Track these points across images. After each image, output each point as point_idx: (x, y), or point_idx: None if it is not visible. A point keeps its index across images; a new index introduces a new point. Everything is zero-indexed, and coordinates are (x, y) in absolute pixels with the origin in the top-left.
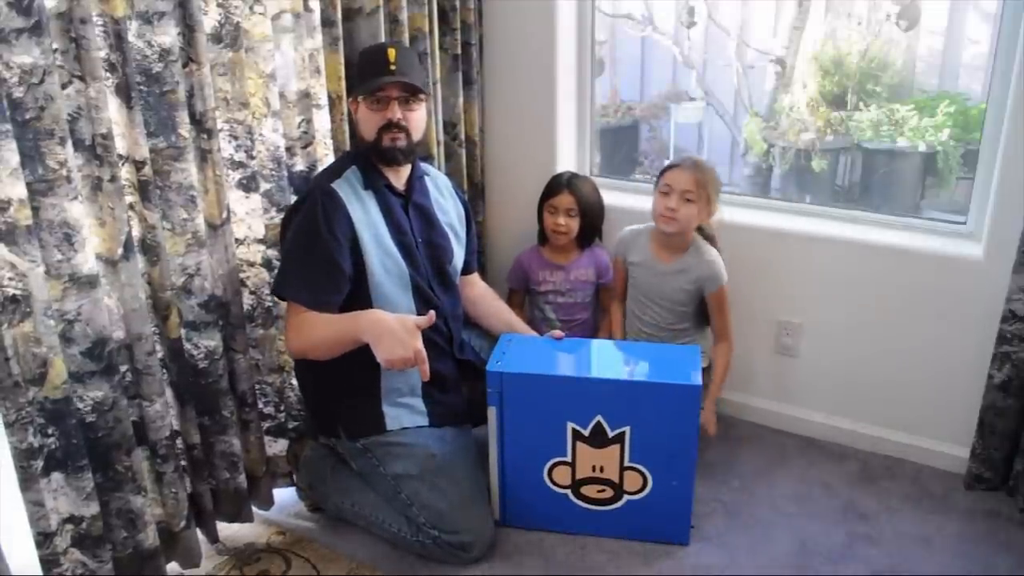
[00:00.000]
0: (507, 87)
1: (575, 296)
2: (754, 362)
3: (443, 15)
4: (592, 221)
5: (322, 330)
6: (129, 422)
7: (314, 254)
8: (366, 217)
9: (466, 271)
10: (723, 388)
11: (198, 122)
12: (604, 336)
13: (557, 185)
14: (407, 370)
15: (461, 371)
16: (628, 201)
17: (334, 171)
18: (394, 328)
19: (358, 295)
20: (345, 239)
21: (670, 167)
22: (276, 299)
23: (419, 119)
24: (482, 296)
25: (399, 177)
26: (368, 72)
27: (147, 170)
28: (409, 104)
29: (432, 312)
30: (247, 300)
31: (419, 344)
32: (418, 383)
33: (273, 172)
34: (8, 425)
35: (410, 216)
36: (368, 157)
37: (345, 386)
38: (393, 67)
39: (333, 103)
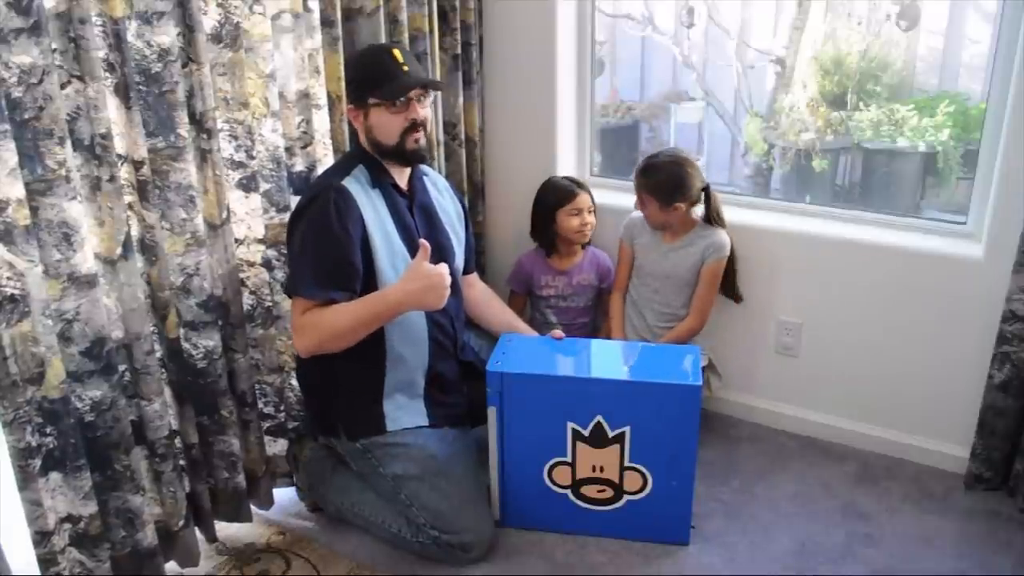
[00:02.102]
0: (507, 87)
1: (577, 301)
2: (754, 362)
3: (443, 15)
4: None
5: (346, 317)
6: (128, 421)
7: (328, 252)
8: (376, 216)
9: (465, 271)
10: (723, 387)
11: (198, 122)
12: (605, 327)
13: (568, 190)
14: (409, 371)
15: (462, 372)
16: (628, 201)
17: (341, 169)
18: (423, 285)
19: (365, 294)
20: (357, 237)
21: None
22: (274, 300)
23: (429, 114)
24: (482, 297)
25: (403, 177)
26: (381, 76)
27: (146, 170)
28: (422, 101)
29: (425, 241)
30: (247, 300)
31: (437, 270)
32: (420, 383)
33: (273, 172)
34: (6, 424)
35: (415, 216)
36: (372, 157)
37: (346, 386)
38: (405, 67)
39: (333, 103)
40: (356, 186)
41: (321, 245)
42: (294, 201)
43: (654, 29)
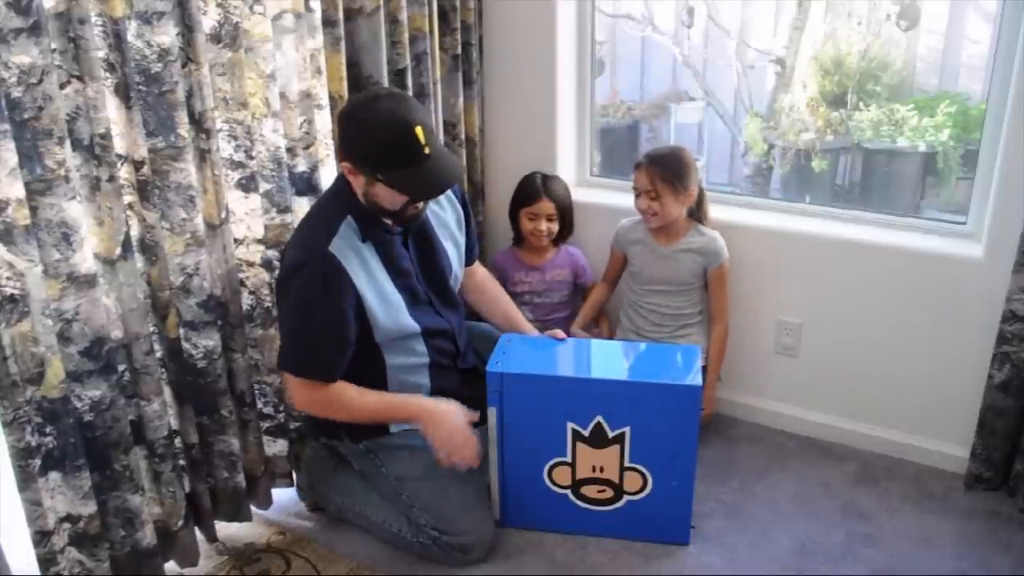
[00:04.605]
0: (507, 87)
1: (552, 296)
2: (754, 362)
3: (443, 15)
4: (568, 221)
5: (365, 408)
6: (127, 421)
7: (320, 329)
8: (368, 276)
9: (467, 262)
10: (723, 387)
11: (197, 122)
12: (583, 314)
13: (534, 191)
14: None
15: (462, 378)
16: (628, 201)
17: (328, 227)
18: (456, 428)
19: (367, 349)
20: (350, 307)
21: (635, 167)
22: (274, 301)
23: None
24: (481, 284)
25: None
26: (400, 160)
27: (146, 170)
28: None
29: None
30: (246, 300)
31: (475, 446)
32: (424, 388)
33: (274, 172)
34: (6, 424)
35: (409, 249)
36: (362, 205)
37: None
38: (427, 150)
39: (335, 104)
40: (343, 247)
41: (314, 324)
42: (295, 201)
43: (654, 29)
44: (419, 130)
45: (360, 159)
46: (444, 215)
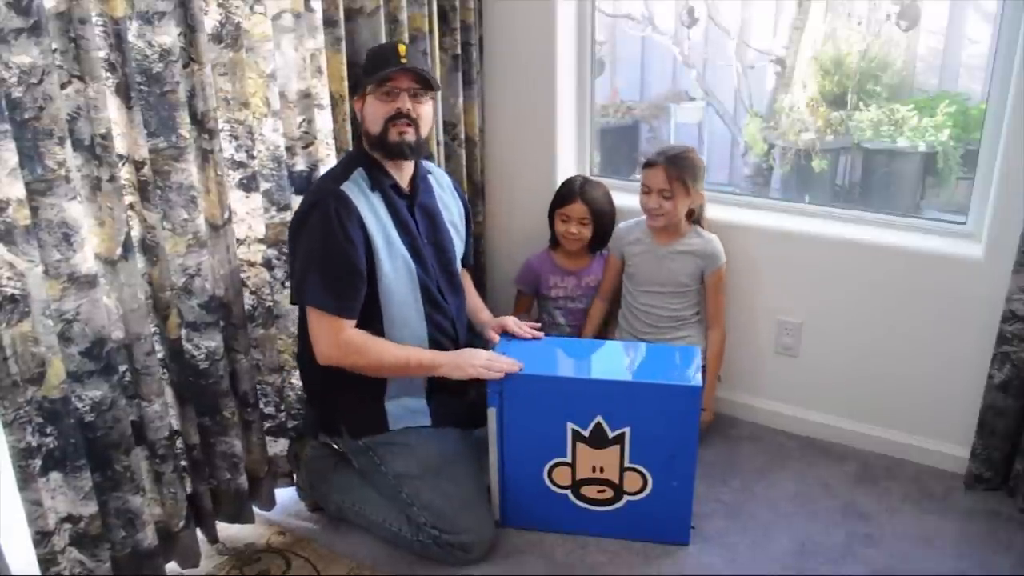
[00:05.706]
0: (507, 87)
1: (585, 302)
2: (754, 362)
3: (443, 15)
4: (604, 228)
5: (392, 356)
6: (128, 422)
7: (335, 260)
8: (376, 219)
9: (463, 263)
10: (723, 387)
11: (199, 122)
12: (586, 333)
13: (570, 193)
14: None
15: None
16: (628, 201)
17: (340, 173)
18: (480, 353)
19: (367, 298)
20: (360, 242)
21: (646, 164)
22: (275, 300)
23: (427, 114)
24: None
25: (404, 177)
26: (379, 65)
27: (146, 170)
28: (418, 98)
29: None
30: (248, 300)
31: (482, 353)
32: (422, 385)
33: (273, 172)
34: (6, 424)
35: (416, 218)
36: (373, 158)
37: (350, 385)
38: (404, 59)
39: (335, 103)
40: (355, 190)
41: (328, 255)
42: (295, 201)
43: (654, 29)
44: (402, 47)
45: (357, 83)
46: (448, 201)
